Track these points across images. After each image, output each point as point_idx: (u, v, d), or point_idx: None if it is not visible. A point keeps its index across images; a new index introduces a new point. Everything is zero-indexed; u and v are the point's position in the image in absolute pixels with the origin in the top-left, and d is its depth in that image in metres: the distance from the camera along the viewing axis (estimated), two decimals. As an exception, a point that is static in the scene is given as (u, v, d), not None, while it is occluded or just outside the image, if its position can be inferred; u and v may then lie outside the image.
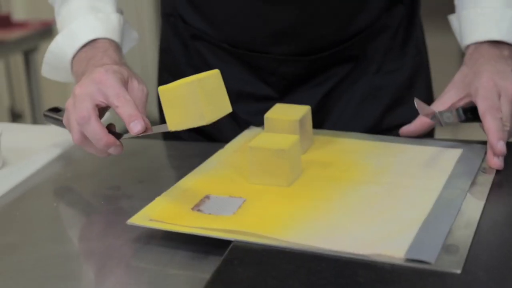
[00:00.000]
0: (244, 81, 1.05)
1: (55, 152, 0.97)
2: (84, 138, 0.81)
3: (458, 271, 0.61)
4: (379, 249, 0.64)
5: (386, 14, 1.03)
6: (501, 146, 0.82)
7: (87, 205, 0.83)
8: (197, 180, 0.82)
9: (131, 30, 1.05)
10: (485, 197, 0.76)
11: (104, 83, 0.81)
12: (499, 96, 0.86)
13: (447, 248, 0.65)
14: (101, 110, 0.83)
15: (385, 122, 1.05)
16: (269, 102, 1.01)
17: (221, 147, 0.92)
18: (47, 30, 2.75)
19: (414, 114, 0.92)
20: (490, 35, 0.93)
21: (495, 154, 0.83)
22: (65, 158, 0.96)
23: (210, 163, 0.87)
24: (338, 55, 1.02)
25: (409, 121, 0.95)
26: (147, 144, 1.02)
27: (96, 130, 0.79)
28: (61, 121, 0.87)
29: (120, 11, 1.01)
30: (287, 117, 0.88)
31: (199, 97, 0.71)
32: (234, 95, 1.02)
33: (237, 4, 0.99)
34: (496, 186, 0.79)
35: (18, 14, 3.08)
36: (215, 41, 1.04)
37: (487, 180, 0.80)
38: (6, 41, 2.65)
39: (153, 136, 0.81)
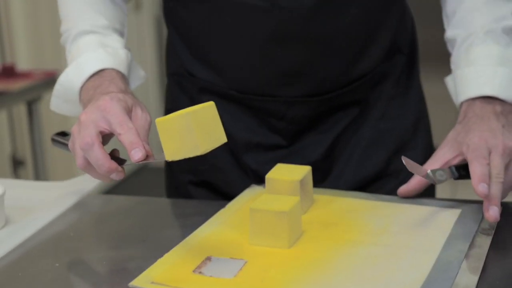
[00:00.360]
0: (252, 131, 1.06)
1: (57, 210, 0.97)
2: (88, 163, 0.84)
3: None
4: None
5: (386, 62, 1.06)
6: (482, 188, 0.84)
7: (90, 266, 0.83)
8: (199, 241, 0.83)
9: (138, 68, 1.08)
10: (483, 260, 0.76)
11: (108, 111, 0.84)
12: (490, 153, 0.88)
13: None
14: (106, 137, 0.85)
15: (391, 167, 1.07)
16: (278, 150, 1.04)
17: (223, 206, 0.92)
18: (51, 80, 2.77)
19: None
20: (482, 90, 0.95)
21: (479, 193, 0.84)
22: (67, 216, 0.97)
23: (211, 223, 0.88)
24: (344, 98, 1.04)
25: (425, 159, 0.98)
26: (149, 201, 1.03)
27: (99, 156, 0.81)
28: (67, 145, 0.90)
29: (128, 48, 1.04)
30: (288, 177, 0.89)
31: (193, 129, 0.73)
32: (243, 146, 1.06)
33: (245, 48, 1.01)
34: (495, 248, 0.80)
35: (22, 64, 3.11)
36: (223, 90, 1.05)
37: (485, 242, 0.81)
38: (10, 91, 2.67)
39: (157, 194, 0.82)
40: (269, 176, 0.91)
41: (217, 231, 0.85)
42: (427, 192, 0.97)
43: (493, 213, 0.84)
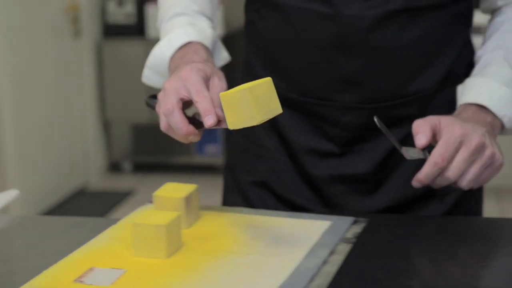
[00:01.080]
0: (308, 137, 1.14)
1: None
2: (169, 126, 0.94)
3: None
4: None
5: (444, 86, 1.12)
6: (415, 185, 0.98)
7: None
8: (85, 254, 0.90)
9: (222, 49, 1.17)
10: (339, 265, 0.85)
11: (188, 80, 0.94)
12: (461, 144, 0.96)
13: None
14: (189, 103, 0.95)
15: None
16: (331, 158, 1.13)
17: (115, 223, 1.00)
18: None
19: None
20: (481, 99, 1.04)
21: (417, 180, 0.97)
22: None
23: (101, 238, 0.95)
24: (399, 110, 1.11)
25: None
26: (49, 220, 1.10)
27: (178, 121, 0.92)
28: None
29: (215, 30, 1.14)
30: (174, 195, 0.97)
31: (250, 102, 0.83)
32: (299, 150, 1.15)
33: (310, 53, 1.09)
34: (356, 255, 0.89)
35: None
36: (284, 94, 1.09)
37: (344, 249, 0.90)
38: None
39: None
40: (156, 194, 0.98)
41: (104, 245, 0.92)
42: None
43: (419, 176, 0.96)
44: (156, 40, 1.12)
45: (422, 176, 0.97)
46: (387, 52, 1.07)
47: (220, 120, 0.90)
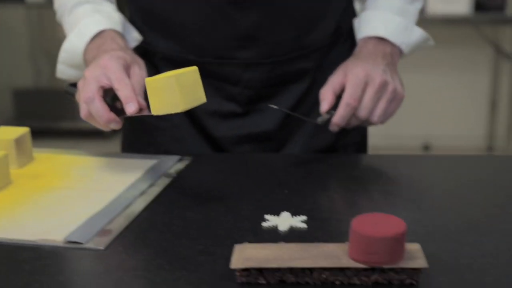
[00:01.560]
0: (208, 99, 1.08)
1: None
2: (90, 114, 0.95)
3: (102, 248, 0.77)
4: (46, 236, 0.80)
5: (335, 36, 1.18)
6: (333, 130, 1.04)
7: None
8: None
9: (131, 29, 1.16)
10: (154, 195, 0.93)
11: (108, 68, 0.95)
12: (366, 84, 1.03)
13: (103, 233, 0.81)
14: (110, 91, 0.95)
15: (340, 142, 1.21)
16: (234, 119, 1.15)
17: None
18: None
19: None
20: (378, 32, 1.12)
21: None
22: None
23: None
24: (297, 63, 1.14)
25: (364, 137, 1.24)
26: None
27: (99, 108, 0.93)
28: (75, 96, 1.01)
29: (120, 12, 1.13)
30: (4, 137, 1.02)
31: (175, 89, 0.85)
32: (200, 114, 1.15)
33: (204, 12, 1.09)
34: (174, 187, 0.97)
35: None
36: (182, 57, 1.12)
37: (163, 182, 0.98)
38: None
39: None
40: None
41: None
42: None
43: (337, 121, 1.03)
44: (36, 5, 1.14)
45: (338, 118, 1.03)
46: (280, 7, 1.09)
47: (141, 108, 0.92)
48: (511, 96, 3.74)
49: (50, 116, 4.19)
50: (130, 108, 0.92)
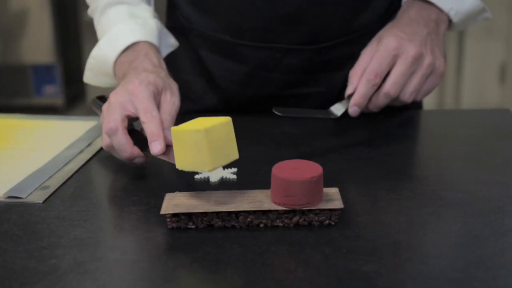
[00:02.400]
0: (245, 85, 1.09)
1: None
2: (112, 145, 0.85)
3: (41, 201, 0.81)
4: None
5: (388, 15, 1.07)
6: (353, 111, 0.95)
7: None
8: None
9: (168, 35, 1.08)
10: (93, 153, 0.97)
11: (136, 95, 0.84)
12: (397, 57, 0.93)
13: (42, 187, 0.85)
14: (135, 118, 0.86)
15: None
16: (271, 100, 1.07)
17: None
18: None
19: None
20: None
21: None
22: None
23: None
24: (341, 50, 1.05)
25: None
26: None
27: (121, 142, 0.83)
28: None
29: (157, 17, 1.05)
30: None
31: (204, 146, 0.72)
32: (235, 100, 1.11)
33: None
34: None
35: None
36: (217, 36, 1.06)
37: (100, 143, 1.01)
38: None
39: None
40: None
41: None
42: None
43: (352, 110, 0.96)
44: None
45: (358, 96, 0.92)
46: None
47: (168, 145, 0.81)
48: None
49: (1, 92, 4.17)
50: (156, 149, 0.80)
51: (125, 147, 0.83)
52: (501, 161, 0.92)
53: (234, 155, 0.76)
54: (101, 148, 0.99)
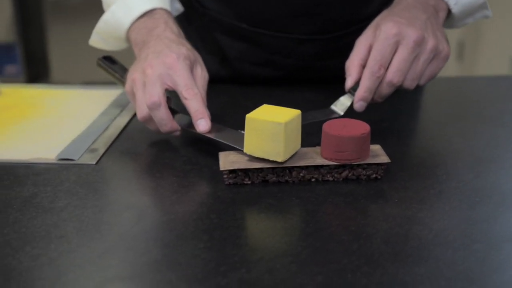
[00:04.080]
0: (259, 68, 1.09)
1: None
2: (150, 117, 0.85)
3: (93, 163, 0.85)
4: (40, 154, 0.86)
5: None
6: (359, 106, 0.89)
7: None
8: None
9: (175, 1, 1.07)
10: (129, 118, 1.00)
11: (175, 70, 0.84)
12: (398, 44, 0.87)
13: (90, 150, 0.88)
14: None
15: None
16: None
17: None
18: None
19: None
20: None
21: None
22: None
23: None
24: (353, 37, 0.97)
25: None
26: None
27: (164, 117, 0.83)
28: (113, 73, 0.97)
29: None
30: None
31: (281, 138, 0.74)
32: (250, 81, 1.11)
33: None
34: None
35: None
36: (233, 23, 1.06)
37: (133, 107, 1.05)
38: None
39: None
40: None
41: None
42: None
43: (358, 106, 0.89)
44: None
45: (363, 91, 0.88)
46: None
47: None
48: None
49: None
50: (203, 127, 0.82)
51: (166, 122, 0.84)
52: (515, 121, 0.99)
53: (298, 145, 0.79)
54: (135, 115, 1.02)
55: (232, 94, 1.13)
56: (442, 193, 0.76)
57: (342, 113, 0.90)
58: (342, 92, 0.92)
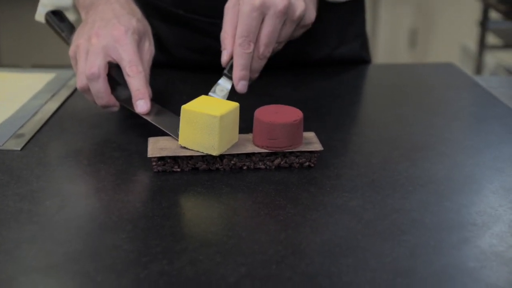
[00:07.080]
0: (200, 54, 1.06)
1: None
2: (88, 88, 0.82)
3: (18, 149, 0.81)
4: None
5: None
6: (242, 87, 0.85)
7: None
8: None
9: None
10: (59, 104, 0.97)
11: (121, 44, 0.81)
12: (264, 14, 0.83)
13: (16, 136, 0.85)
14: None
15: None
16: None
17: None
18: None
19: None
20: None
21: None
22: None
23: None
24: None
25: None
26: None
27: (101, 90, 0.81)
28: (60, 32, 0.92)
29: None
30: None
31: (216, 131, 0.72)
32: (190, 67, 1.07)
33: None
34: (74, 97, 1.01)
35: None
36: (169, 9, 1.04)
37: (65, 93, 1.02)
38: None
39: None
40: None
41: None
42: None
43: (241, 86, 0.85)
44: None
45: (239, 69, 0.85)
46: None
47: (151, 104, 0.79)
48: None
49: None
50: (141, 108, 0.81)
51: (103, 95, 0.82)
52: (455, 109, 0.98)
53: (235, 138, 0.77)
54: (67, 100, 0.99)
55: (170, 79, 1.10)
56: (375, 181, 0.75)
57: (224, 99, 0.82)
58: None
